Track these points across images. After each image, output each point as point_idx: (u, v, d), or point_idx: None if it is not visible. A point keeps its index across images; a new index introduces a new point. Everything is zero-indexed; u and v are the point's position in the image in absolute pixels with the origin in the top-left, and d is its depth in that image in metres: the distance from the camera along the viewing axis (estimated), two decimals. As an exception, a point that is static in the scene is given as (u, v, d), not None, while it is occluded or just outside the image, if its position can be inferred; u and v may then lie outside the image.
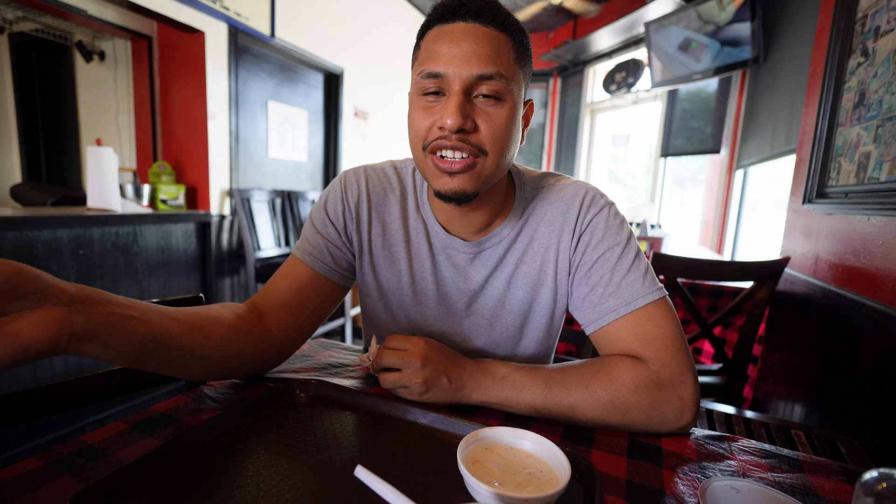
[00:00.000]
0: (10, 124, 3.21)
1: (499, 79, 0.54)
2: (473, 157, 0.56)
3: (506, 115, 0.56)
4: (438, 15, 0.56)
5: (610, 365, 0.57)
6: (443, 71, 0.54)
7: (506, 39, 0.56)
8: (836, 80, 1.26)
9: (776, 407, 1.43)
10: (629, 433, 0.55)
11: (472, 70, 0.53)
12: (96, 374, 0.66)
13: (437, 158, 0.57)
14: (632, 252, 0.63)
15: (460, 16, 0.55)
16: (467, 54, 0.53)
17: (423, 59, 0.56)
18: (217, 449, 0.46)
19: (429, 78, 0.55)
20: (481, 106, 0.56)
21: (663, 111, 3.60)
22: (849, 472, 0.49)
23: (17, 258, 1.57)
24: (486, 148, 0.56)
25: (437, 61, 0.54)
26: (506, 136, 0.57)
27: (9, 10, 2.46)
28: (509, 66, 0.56)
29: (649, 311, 0.59)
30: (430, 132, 0.56)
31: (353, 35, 3.29)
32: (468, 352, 0.72)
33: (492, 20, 0.55)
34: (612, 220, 0.65)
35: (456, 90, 0.54)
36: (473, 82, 0.54)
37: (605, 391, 0.54)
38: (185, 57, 2.32)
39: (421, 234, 0.70)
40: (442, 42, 0.55)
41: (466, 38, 0.54)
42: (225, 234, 2.51)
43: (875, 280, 0.99)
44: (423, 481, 0.42)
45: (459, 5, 0.55)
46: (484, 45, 0.54)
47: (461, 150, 0.55)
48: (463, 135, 0.55)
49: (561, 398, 0.55)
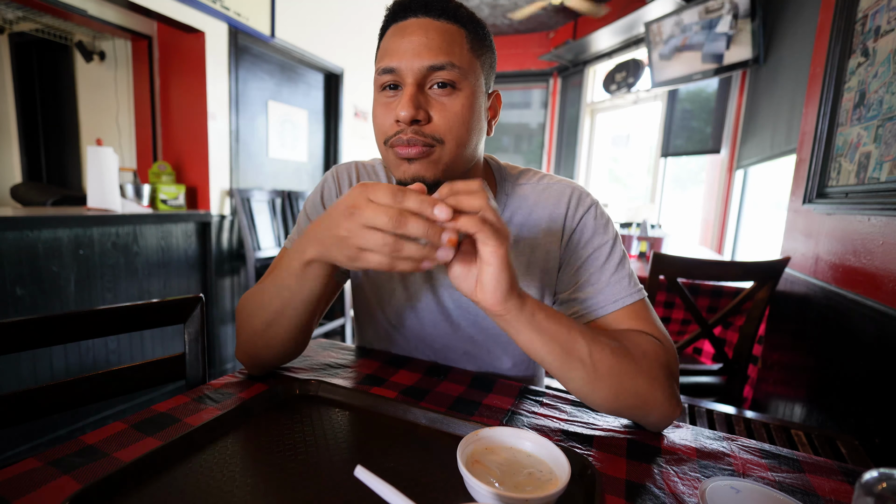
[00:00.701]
0: (10, 124, 3.21)
1: (450, 68, 0.56)
2: (427, 147, 0.57)
3: (461, 104, 0.57)
4: (392, 14, 0.59)
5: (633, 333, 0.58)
6: (395, 65, 0.56)
7: (458, 30, 0.57)
8: (836, 80, 1.26)
9: (776, 407, 1.43)
10: (627, 431, 0.55)
11: (422, 62, 0.55)
12: (96, 374, 0.66)
13: (396, 148, 0.58)
14: (618, 251, 0.65)
15: (411, 11, 0.57)
16: (418, 47, 0.55)
17: (380, 56, 0.59)
18: (217, 449, 0.46)
19: (384, 74, 0.57)
20: (435, 97, 0.57)
21: (663, 111, 3.60)
22: (849, 472, 0.49)
23: (17, 258, 1.58)
24: (440, 136, 0.57)
25: (391, 57, 0.57)
26: (462, 124, 0.58)
27: (9, 10, 2.46)
28: (462, 55, 0.57)
29: (636, 308, 0.61)
30: (389, 127, 0.58)
31: (353, 35, 3.29)
32: (459, 345, 0.73)
33: (442, 13, 0.57)
34: (600, 218, 0.67)
35: (409, 82, 0.56)
36: (425, 73, 0.56)
37: (627, 342, 0.54)
38: (185, 57, 2.31)
39: None
40: (395, 38, 0.57)
41: (417, 31, 0.56)
42: (225, 234, 2.50)
43: (875, 280, 0.99)
44: (423, 481, 0.42)
45: (410, 1, 0.57)
46: (434, 38, 0.56)
47: (416, 143, 0.56)
48: (417, 126, 0.56)
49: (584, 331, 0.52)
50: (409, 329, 0.75)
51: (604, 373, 0.51)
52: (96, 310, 0.66)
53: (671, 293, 1.59)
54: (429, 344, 0.75)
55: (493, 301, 0.46)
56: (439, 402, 0.60)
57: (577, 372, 0.51)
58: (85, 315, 0.65)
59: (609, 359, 0.51)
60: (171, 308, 0.72)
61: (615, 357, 0.52)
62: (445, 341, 0.74)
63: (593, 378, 0.51)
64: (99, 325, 0.67)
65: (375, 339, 0.79)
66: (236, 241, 2.58)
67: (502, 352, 0.73)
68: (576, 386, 0.52)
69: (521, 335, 0.50)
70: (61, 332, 0.63)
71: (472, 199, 0.43)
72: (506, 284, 0.46)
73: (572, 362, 0.50)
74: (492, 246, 0.44)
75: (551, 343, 0.50)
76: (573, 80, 4.44)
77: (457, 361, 0.74)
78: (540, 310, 0.50)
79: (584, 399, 0.55)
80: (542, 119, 4.74)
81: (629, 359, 0.52)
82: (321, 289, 0.55)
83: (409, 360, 0.74)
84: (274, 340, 0.59)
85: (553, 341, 0.50)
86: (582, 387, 0.52)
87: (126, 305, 0.69)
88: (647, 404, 0.53)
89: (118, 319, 0.68)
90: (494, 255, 0.44)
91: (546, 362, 0.51)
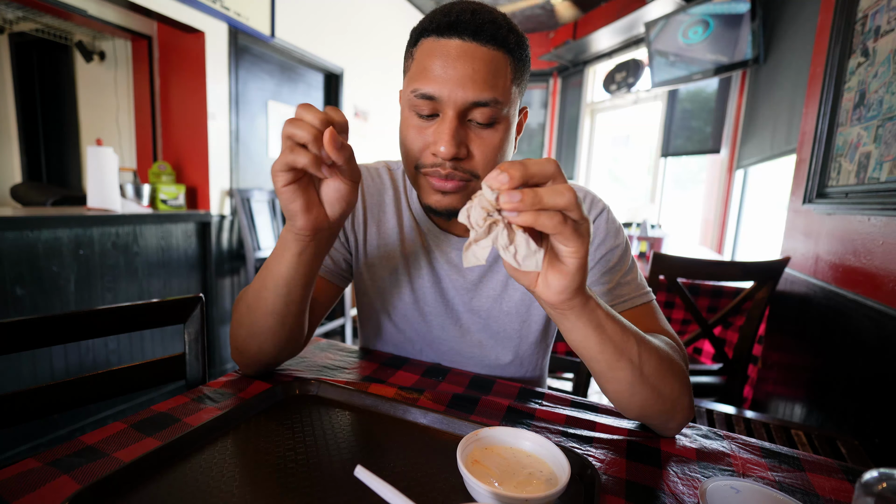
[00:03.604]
0: (10, 124, 3.21)
1: (493, 105, 0.53)
2: (465, 182, 0.57)
3: (500, 139, 0.56)
4: (435, 26, 0.54)
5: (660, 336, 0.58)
6: (436, 93, 0.53)
7: (503, 58, 0.54)
8: (836, 80, 1.26)
9: (776, 407, 1.43)
10: (627, 431, 0.55)
11: (466, 95, 0.52)
12: (96, 374, 0.66)
13: (430, 178, 0.57)
14: (629, 255, 0.66)
15: (457, 33, 0.52)
16: (463, 78, 0.52)
17: (417, 76, 0.55)
18: (216, 449, 0.46)
19: (422, 99, 0.54)
20: (475, 131, 0.55)
21: (663, 111, 3.60)
22: (849, 470, 0.49)
23: (17, 258, 1.58)
24: (478, 173, 0.57)
25: (431, 82, 0.53)
26: (499, 158, 0.57)
27: (9, 10, 2.46)
28: (505, 88, 0.54)
29: (647, 309, 0.62)
30: (423, 154, 0.57)
31: (353, 35, 3.29)
32: (467, 349, 0.73)
33: (491, 39, 0.52)
34: (612, 223, 0.67)
35: (450, 115, 0.53)
36: (468, 107, 0.53)
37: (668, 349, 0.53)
38: (185, 57, 2.31)
39: (414, 231, 0.71)
40: (436, 60, 0.53)
41: (462, 58, 0.52)
42: (225, 234, 2.50)
43: (875, 280, 0.99)
44: (423, 481, 0.42)
45: (458, 21, 0.52)
46: (480, 69, 0.52)
47: (454, 178, 0.56)
48: (456, 162, 0.55)
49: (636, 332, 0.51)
50: (415, 333, 0.74)
51: (648, 375, 0.49)
52: (96, 310, 0.66)
53: (671, 293, 1.59)
54: (436, 348, 0.74)
55: (558, 298, 0.42)
56: (439, 402, 0.60)
57: (624, 373, 0.48)
58: (85, 315, 0.65)
59: (655, 361, 0.49)
60: (171, 308, 0.72)
61: (660, 360, 0.50)
62: (453, 344, 0.73)
63: (638, 380, 0.49)
64: (99, 325, 0.67)
65: (379, 340, 0.78)
66: (236, 241, 2.58)
67: (511, 354, 0.72)
68: (618, 387, 0.50)
69: (576, 332, 0.46)
70: (61, 332, 0.63)
71: (556, 197, 0.36)
72: (577, 284, 0.41)
73: (621, 362, 0.48)
74: (573, 248, 0.38)
75: (607, 342, 0.47)
76: (573, 80, 4.44)
77: (463, 365, 0.74)
78: (600, 307, 0.46)
79: (620, 402, 0.52)
80: (542, 119, 4.73)
81: (669, 362, 0.51)
82: (296, 268, 0.52)
83: (406, 361, 0.74)
84: (255, 327, 0.58)
85: (609, 340, 0.47)
86: (625, 388, 0.50)
87: (126, 305, 0.69)
88: (675, 408, 0.52)
89: (118, 319, 0.68)
90: (573, 257, 0.39)
91: (595, 360, 0.48)
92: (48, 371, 1.71)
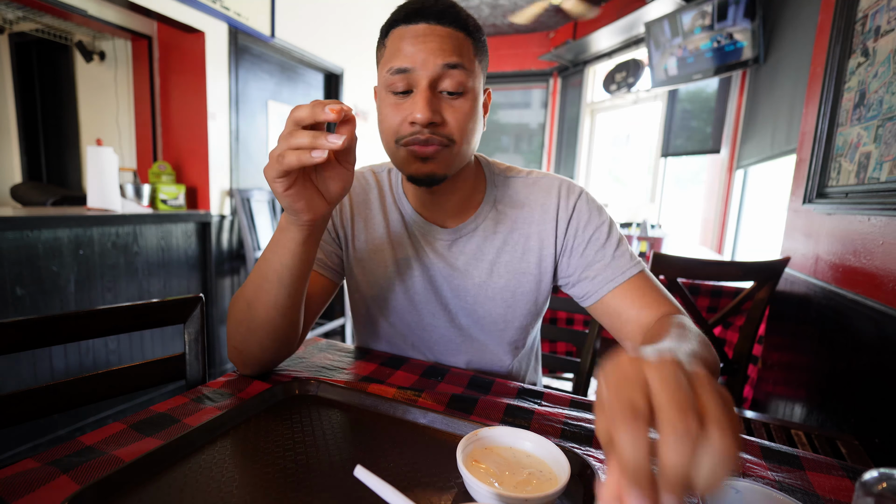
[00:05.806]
0: (10, 124, 3.21)
1: (461, 69, 0.59)
2: (443, 146, 0.60)
3: (469, 107, 0.61)
4: (403, 16, 0.60)
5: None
6: (409, 65, 0.58)
7: (465, 38, 0.60)
8: (836, 80, 1.26)
9: (776, 407, 1.43)
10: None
11: (436, 61, 0.58)
12: (96, 374, 0.66)
13: (410, 147, 0.61)
14: (615, 230, 0.71)
15: (423, 17, 0.59)
16: (432, 48, 0.58)
17: (390, 57, 0.60)
18: (216, 449, 0.46)
19: (397, 74, 0.59)
20: (447, 101, 0.60)
21: (663, 111, 3.60)
22: (849, 469, 0.49)
23: (17, 258, 1.58)
24: (454, 137, 0.61)
25: (403, 58, 0.58)
26: (470, 125, 0.62)
27: (9, 10, 2.46)
28: (470, 60, 0.61)
29: (642, 278, 0.67)
30: (401, 127, 0.60)
31: (353, 35, 3.29)
32: (456, 334, 0.75)
33: (452, 22, 0.59)
34: (592, 202, 0.72)
35: (423, 85, 0.58)
36: (439, 72, 0.58)
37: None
38: (185, 57, 2.31)
39: (400, 224, 0.74)
40: (406, 40, 0.59)
41: (430, 36, 0.58)
42: (225, 234, 2.50)
43: (875, 280, 0.99)
44: (423, 481, 0.42)
45: (422, 8, 0.59)
46: (447, 43, 0.59)
47: (433, 143, 0.60)
48: (433, 127, 0.59)
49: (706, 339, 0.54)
50: (406, 326, 0.76)
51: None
52: (96, 310, 0.66)
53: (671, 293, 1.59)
54: (427, 337, 0.76)
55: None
56: (438, 402, 0.60)
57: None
58: (85, 315, 0.65)
59: (713, 363, 0.52)
60: (171, 308, 0.72)
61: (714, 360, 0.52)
62: (443, 332, 0.75)
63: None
64: (99, 325, 0.67)
65: (373, 338, 0.80)
66: (236, 241, 2.58)
67: (499, 344, 0.75)
68: None
69: None
70: (61, 332, 0.63)
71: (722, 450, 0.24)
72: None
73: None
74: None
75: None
76: (573, 80, 4.44)
77: (454, 352, 0.76)
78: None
79: None
80: (542, 119, 4.73)
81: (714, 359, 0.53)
82: (299, 255, 0.56)
83: (405, 361, 0.74)
84: (255, 322, 0.59)
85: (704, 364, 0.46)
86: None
87: (126, 305, 0.69)
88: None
89: (118, 319, 0.68)
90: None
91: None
92: (48, 371, 1.71)
